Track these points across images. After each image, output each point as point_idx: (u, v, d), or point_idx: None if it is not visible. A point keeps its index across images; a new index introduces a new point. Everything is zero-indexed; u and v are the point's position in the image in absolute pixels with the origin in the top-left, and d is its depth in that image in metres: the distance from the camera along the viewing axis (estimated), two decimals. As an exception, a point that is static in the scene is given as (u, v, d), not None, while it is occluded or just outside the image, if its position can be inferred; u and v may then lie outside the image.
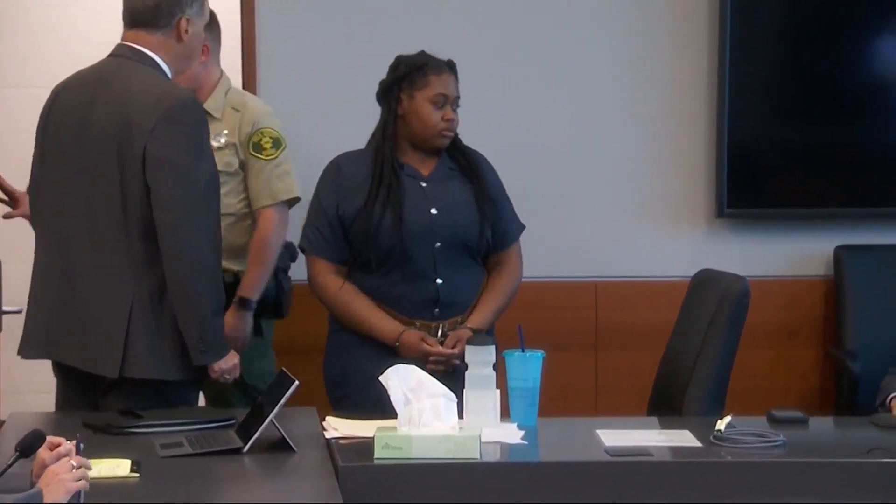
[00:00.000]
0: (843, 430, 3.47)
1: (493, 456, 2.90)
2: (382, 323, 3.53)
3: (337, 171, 3.64)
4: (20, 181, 3.73)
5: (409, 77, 3.61)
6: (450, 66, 3.65)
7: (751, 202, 4.66)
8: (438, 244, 3.56)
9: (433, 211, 3.57)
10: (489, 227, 3.62)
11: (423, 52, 3.67)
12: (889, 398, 3.48)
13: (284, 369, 2.96)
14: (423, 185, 3.61)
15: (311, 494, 2.64)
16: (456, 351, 3.45)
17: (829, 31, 4.64)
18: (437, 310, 3.55)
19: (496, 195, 3.67)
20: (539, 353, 3.18)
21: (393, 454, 2.81)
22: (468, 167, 3.65)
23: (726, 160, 4.58)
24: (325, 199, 3.62)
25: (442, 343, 3.50)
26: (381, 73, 3.74)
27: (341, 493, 2.61)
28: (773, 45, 4.75)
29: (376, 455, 2.82)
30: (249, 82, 4.47)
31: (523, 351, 3.18)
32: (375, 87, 3.71)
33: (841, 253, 4.53)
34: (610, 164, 4.64)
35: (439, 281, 3.56)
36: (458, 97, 3.63)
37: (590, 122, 4.63)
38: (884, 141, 4.68)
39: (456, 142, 3.67)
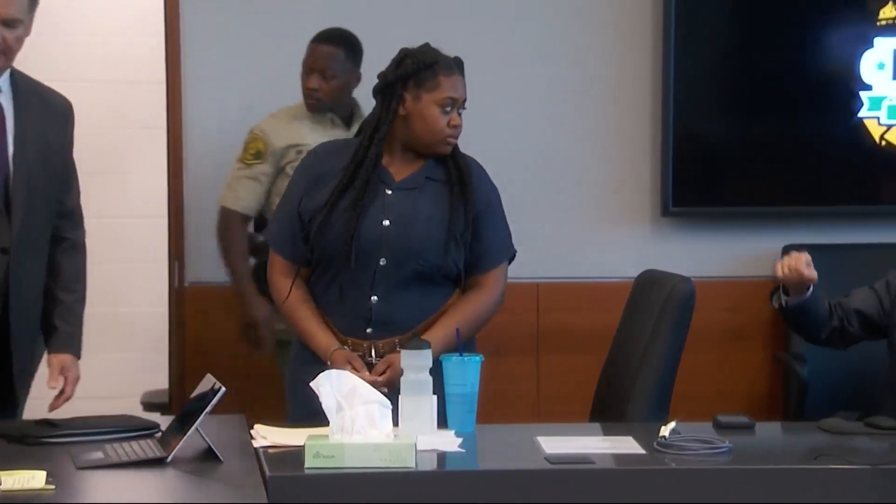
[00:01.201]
0: (791, 436, 3.44)
1: (430, 464, 2.84)
2: (319, 337, 3.30)
3: (313, 160, 3.41)
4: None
5: (416, 75, 3.27)
6: (459, 66, 3.33)
7: (696, 201, 4.68)
8: (384, 260, 3.29)
9: (385, 223, 3.29)
10: (462, 247, 3.29)
11: (429, 47, 3.35)
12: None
13: (210, 375, 2.89)
14: (388, 192, 3.31)
15: (237, 506, 2.57)
16: (381, 379, 3.20)
17: (775, 27, 4.67)
18: (369, 329, 3.30)
19: (483, 211, 3.33)
20: (478, 358, 3.12)
21: (324, 463, 2.74)
22: (456, 176, 3.31)
23: (671, 158, 4.60)
24: (292, 189, 3.40)
25: (373, 366, 3.27)
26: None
27: (269, 504, 2.55)
28: (719, 43, 4.77)
29: (307, 464, 2.75)
30: (174, 85, 4.40)
31: (461, 355, 3.12)
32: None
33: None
34: (552, 162, 4.63)
35: (374, 299, 3.31)
36: (465, 100, 3.32)
37: (532, 119, 4.62)
38: (831, 138, 4.72)
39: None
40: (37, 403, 3.51)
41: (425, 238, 3.27)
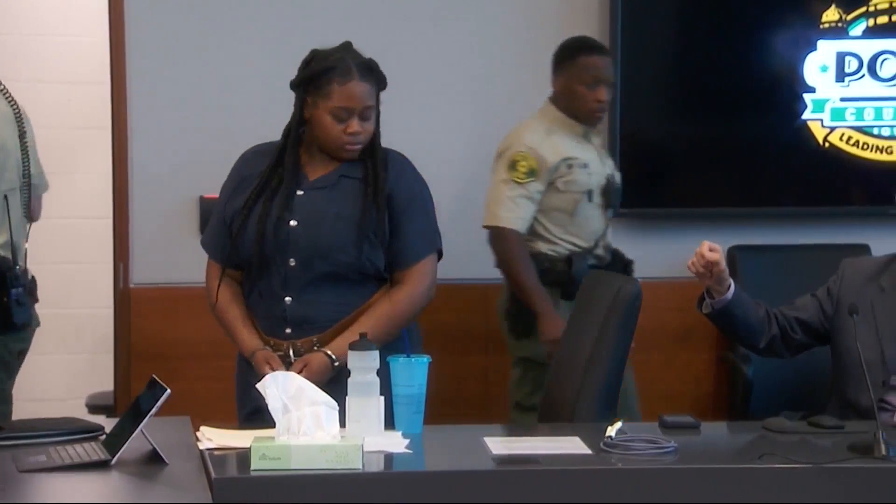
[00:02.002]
0: (735, 435, 3.46)
1: (377, 466, 2.84)
2: (243, 337, 3.33)
3: (240, 164, 3.42)
4: None
5: (313, 81, 3.29)
6: (363, 70, 3.29)
7: (644, 202, 4.71)
8: (293, 261, 3.29)
9: (293, 223, 3.29)
10: (377, 244, 3.29)
11: (339, 49, 3.33)
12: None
13: (155, 377, 2.87)
14: (300, 192, 3.32)
15: (182, 509, 2.56)
16: None
17: (720, 30, 4.71)
18: (288, 329, 3.31)
19: (404, 207, 3.31)
20: (425, 359, 3.12)
21: (271, 465, 2.73)
22: (372, 174, 3.30)
23: (618, 160, 4.61)
24: (221, 193, 3.42)
25: (290, 366, 3.26)
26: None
27: (215, 507, 2.54)
28: (665, 46, 4.81)
29: (253, 466, 2.73)
30: (118, 86, 4.39)
31: (408, 356, 3.11)
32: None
33: (735, 253, 4.55)
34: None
35: (288, 300, 3.31)
36: (370, 106, 3.29)
37: (480, 119, 4.63)
38: (775, 140, 4.77)
39: (372, 145, 3.34)
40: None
41: (333, 237, 3.27)
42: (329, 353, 3.28)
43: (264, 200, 3.31)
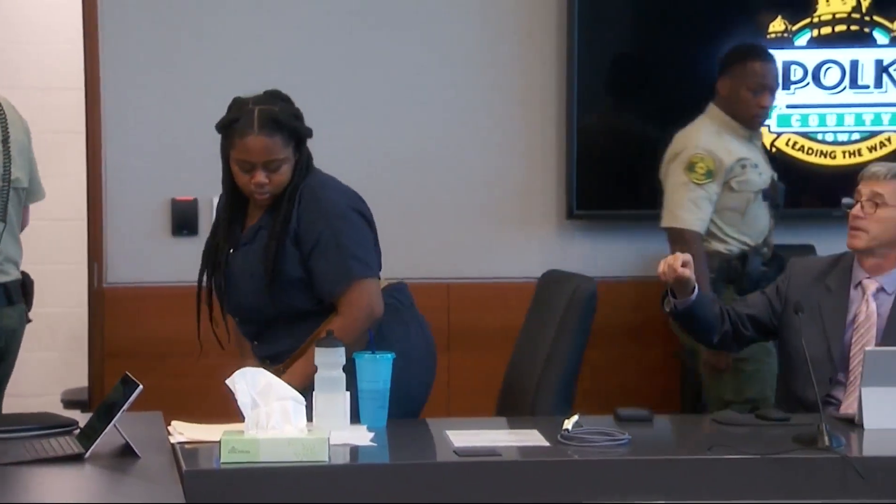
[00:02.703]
0: (687, 428, 3.52)
1: (342, 458, 2.89)
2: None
3: (218, 205, 3.51)
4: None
5: (223, 130, 3.32)
6: (266, 124, 3.25)
7: (599, 204, 4.77)
8: (237, 319, 3.43)
9: (229, 287, 3.39)
10: (296, 286, 3.28)
11: (260, 98, 3.31)
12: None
13: (128, 373, 2.91)
14: (232, 251, 3.39)
15: (154, 500, 2.59)
16: None
17: (673, 38, 4.77)
18: (265, 363, 3.38)
19: (312, 247, 3.29)
20: (389, 355, 3.17)
21: (240, 458, 2.77)
22: (279, 224, 3.29)
23: (575, 163, 4.66)
24: None
25: None
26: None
27: (186, 498, 2.58)
28: (620, 53, 4.85)
29: (223, 459, 2.78)
30: (92, 91, 4.41)
31: (373, 352, 3.17)
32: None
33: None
34: (460, 166, 4.69)
35: (254, 342, 3.44)
36: (275, 159, 3.25)
37: (440, 124, 4.67)
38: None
39: (286, 192, 3.32)
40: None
41: (251, 295, 3.32)
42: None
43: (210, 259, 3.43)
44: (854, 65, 4.80)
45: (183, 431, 3.02)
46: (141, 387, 2.81)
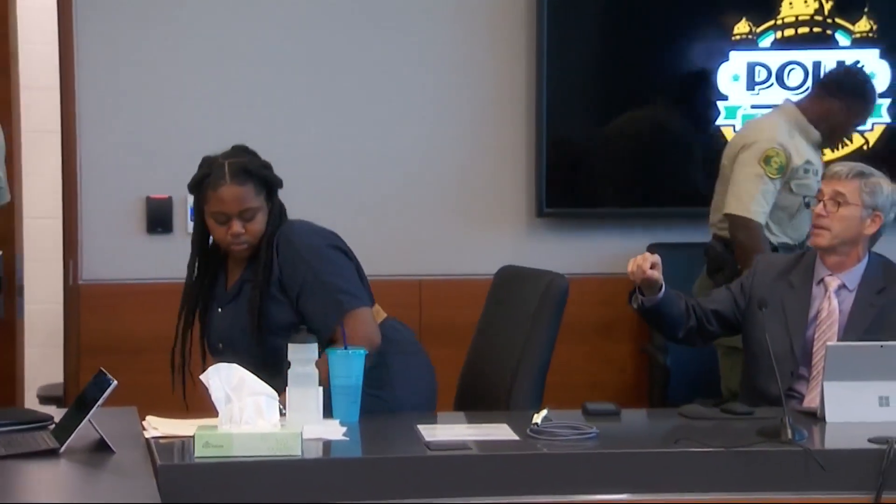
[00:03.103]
0: (654, 421, 3.56)
1: (315, 453, 2.90)
2: None
3: None
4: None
5: (195, 188, 3.37)
6: (237, 174, 3.31)
7: (568, 203, 4.80)
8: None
9: (220, 345, 3.43)
10: (283, 334, 3.24)
11: (229, 153, 3.37)
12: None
13: (103, 369, 2.93)
14: (219, 310, 3.43)
15: (128, 495, 2.61)
16: None
17: (641, 39, 4.80)
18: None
19: (298, 291, 3.33)
20: (362, 351, 3.20)
21: (213, 452, 2.79)
22: (262, 276, 3.34)
23: (545, 162, 4.69)
24: None
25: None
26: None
27: (160, 492, 2.59)
28: (589, 53, 4.89)
29: (196, 454, 2.80)
30: (67, 90, 4.42)
31: (346, 348, 3.19)
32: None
33: (653, 251, 4.63)
34: (431, 164, 4.71)
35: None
36: (249, 208, 3.31)
37: (411, 123, 4.69)
38: (692, 145, 4.87)
39: (262, 241, 3.36)
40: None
41: (243, 354, 3.30)
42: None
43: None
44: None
45: (157, 426, 3.04)
46: (115, 382, 2.83)
